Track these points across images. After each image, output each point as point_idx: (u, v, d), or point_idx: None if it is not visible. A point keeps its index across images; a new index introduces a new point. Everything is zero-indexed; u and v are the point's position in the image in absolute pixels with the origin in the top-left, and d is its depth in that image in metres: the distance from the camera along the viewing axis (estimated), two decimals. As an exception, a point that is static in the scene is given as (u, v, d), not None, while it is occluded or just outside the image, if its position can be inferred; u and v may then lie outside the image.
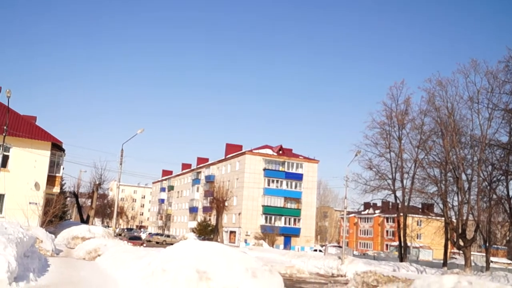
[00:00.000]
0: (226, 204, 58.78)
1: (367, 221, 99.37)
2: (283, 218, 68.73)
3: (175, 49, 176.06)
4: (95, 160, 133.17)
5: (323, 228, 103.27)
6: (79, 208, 53.04)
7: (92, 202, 47.97)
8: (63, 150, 33.12)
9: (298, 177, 70.65)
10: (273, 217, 68.06)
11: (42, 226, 27.54)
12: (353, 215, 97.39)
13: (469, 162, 36.60)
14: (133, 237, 47.67)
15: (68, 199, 58.38)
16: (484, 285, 6.67)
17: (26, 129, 30.46)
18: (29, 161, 29.69)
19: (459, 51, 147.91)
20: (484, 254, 43.29)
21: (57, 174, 32.68)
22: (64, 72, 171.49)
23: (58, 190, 33.71)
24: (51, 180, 31.62)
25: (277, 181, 69.83)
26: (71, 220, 59.69)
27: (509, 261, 62.25)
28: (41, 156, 30.29)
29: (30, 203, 28.56)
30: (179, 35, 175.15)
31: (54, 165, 32.26)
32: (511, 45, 50.82)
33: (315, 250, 58.39)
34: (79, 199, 54.05)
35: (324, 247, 58.18)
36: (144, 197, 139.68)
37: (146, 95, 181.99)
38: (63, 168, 34.06)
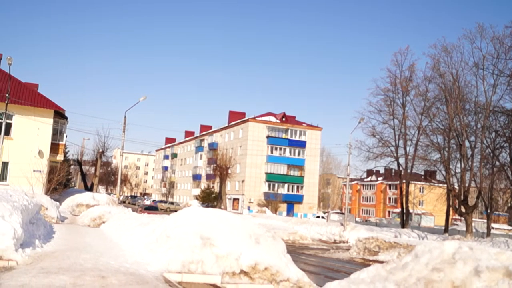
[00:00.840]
0: (229, 171, 59.09)
1: (370, 188, 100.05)
2: (286, 185, 69.22)
3: (178, 18, 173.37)
4: (98, 128, 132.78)
5: (326, 195, 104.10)
6: (83, 175, 53.44)
7: (95, 169, 48.25)
8: (66, 118, 33.08)
9: (301, 145, 70.71)
10: (276, 184, 68.55)
11: (46, 194, 27.80)
12: (355, 182, 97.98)
13: (472, 129, 36.48)
14: (149, 207, 41.25)
15: (72, 166, 58.79)
16: (484, 251, 6.69)
17: (28, 96, 30.32)
18: (32, 129, 29.70)
19: (465, 16, 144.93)
20: (485, 221, 43.70)
21: (60, 142, 32.77)
22: (66, 40, 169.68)
23: (62, 158, 33.87)
24: (54, 148, 31.72)
25: (280, 149, 69.94)
26: (75, 187, 60.35)
27: (509, 227, 62.94)
28: (44, 124, 30.29)
29: (34, 170, 28.73)
30: (182, 4, 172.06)
31: (57, 133, 32.31)
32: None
33: (318, 217, 59.04)
34: (83, 167, 54.37)
35: (326, 214, 58.81)
36: (147, 165, 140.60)
37: (149, 62, 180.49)
38: (66, 136, 34.14)
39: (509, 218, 69.28)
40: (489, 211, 38.46)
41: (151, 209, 40.01)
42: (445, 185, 38.77)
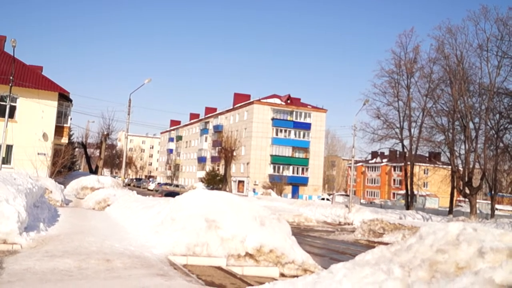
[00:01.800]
0: (234, 153, 59.21)
1: (375, 170, 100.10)
2: (291, 167, 69.32)
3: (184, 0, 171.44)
4: (103, 110, 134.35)
5: (331, 177, 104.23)
6: (88, 158, 53.66)
7: (100, 152, 48.43)
8: (71, 101, 33.05)
9: (306, 127, 70.56)
10: (281, 167, 68.66)
11: (51, 177, 27.90)
12: (360, 164, 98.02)
13: (476, 110, 36.37)
14: (169, 193, 35.14)
15: (77, 149, 59.04)
16: (488, 232, 6.66)
17: (33, 79, 30.26)
18: (36, 112, 29.70)
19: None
20: (490, 202, 43.72)
21: (65, 125, 32.81)
22: (70, 21, 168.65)
23: (66, 141, 33.96)
24: (59, 130, 31.78)
25: (285, 131, 69.85)
26: (80, 170, 60.73)
27: (514, 209, 62.95)
28: (48, 106, 30.28)
29: (38, 153, 28.81)
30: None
31: (61, 116, 32.33)
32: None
33: (323, 199, 59.27)
34: (88, 150, 54.57)
35: (331, 196, 58.99)
36: (152, 147, 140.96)
37: (154, 44, 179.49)
38: (71, 119, 34.16)
39: (513, 199, 69.32)
40: (493, 192, 38.47)
41: (171, 195, 34.89)
42: (450, 167, 38.74)
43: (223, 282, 7.81)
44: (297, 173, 69.63)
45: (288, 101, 71.25)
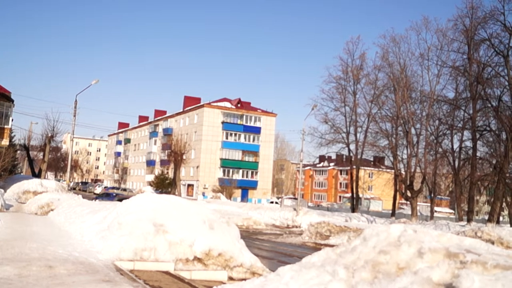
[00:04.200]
0: (184, 157, 58.51)
1: (322, 174, 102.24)
2: (240, 171, 69.47)
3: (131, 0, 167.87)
4: (47, 111, 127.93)
5: (280, 180, 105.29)
6: (30, 161, 51.25)
7: (44, 155, 46.37)
8: (12, 101, 31.50)
9: (256, 131, 71.02)
10: (231, 170, 68.65)
11: (-10, 180, 26.50)
12: (308, 168, 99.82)
13: (418, 117, 38.23)
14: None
15: (19, 152, 56.20)
16: (427, 233, 7.05)
17: (-32, 78, 28.63)
18: (-27, 112, 28.12)
19: (414, 7, 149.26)
20: (429, 204, 45.91)
21: (5, 126, 31.21)
22: (12, 18, 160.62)
23: (7, 143, 32.30)
24: (-1, 132, 30.23)
25: (235, 134, 69.96)
26: (22, 174, 57.77)
27: (451, 211, 66.45)
28: (-14, 107, 28.75)
29: (-24, 156, 27.28)
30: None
31: (2, 116, 30.74)
32: (460, 4, 51.81)
33: (272, 202, 59.80)
34: (31, 152, 52.11)
35: (280, 199, 59.66)
36: (99, 150, 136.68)
37: (102, 45, 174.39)
38: (12, 120, 32.55)
39: (450, 201, 73.07)
40: (432, 195, 40.52)
41: (107, 196, 35.11)
42: (393, 171, 40.37)
43: (171, 287, 7.75)
44: (247, 177, 69.89)
45: (239, 105, 71.48)
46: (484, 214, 54.21)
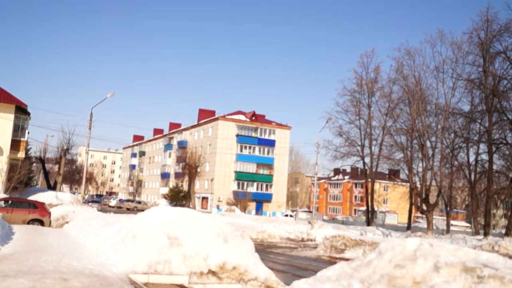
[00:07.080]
0: (198, 170, 58.76)
1: (337, 187, 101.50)
2: (255, 184, 69.38)
3: (146, 12, 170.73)
4: (63, 124, 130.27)
5: (294, 193, 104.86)
6: (46, 174, 51.92)
7: (59, 167, 46.98)
8: (28, 114, 32.05)
9: (271, 143, 71.05)
10: (245, 183, 68.60)
11: (6, 193, 26.88)
12: (323, 181, 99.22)
13: (433, 129, 37.83)
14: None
15: (34, 164, 57.05)
16: (443, 247, 6.94)
17: (-12, 91, 29.27)
18: (-9, 126, 28.67)
19: (428, 20, 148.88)
20: (445, 218, 45.17)
21: (21, 139, 31.73)
22: (30, 31, 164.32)
23: (23, 155, 32.82)
24: (15, 144, 30.70)
25: (249, 147, 70.04)
26: (37, 186, 58.53)
27: (467, 224, 65.25)
28: (4, 119, 29.27)
29: (-7, 168, 27.76)
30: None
31: (18, 129, 31.28)
32: (475, 16, 51.59)
33: (286, 215, 59.46)
34: (46, 165, 52.83)
35: (295, 212, 59.31)
36: (114, 163, 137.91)
37: (117, 57, 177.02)
38: (28, 133, 33.12)
39: (466, 215, 71.84)
40: (448, 208, 39.90)
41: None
42: (408, 184, 39.89)
43: (185, 300, 7.71)
44: (261, 190, 69.76)
45: (253, 118, 71.67)
46: (501, 228, 53.15)
